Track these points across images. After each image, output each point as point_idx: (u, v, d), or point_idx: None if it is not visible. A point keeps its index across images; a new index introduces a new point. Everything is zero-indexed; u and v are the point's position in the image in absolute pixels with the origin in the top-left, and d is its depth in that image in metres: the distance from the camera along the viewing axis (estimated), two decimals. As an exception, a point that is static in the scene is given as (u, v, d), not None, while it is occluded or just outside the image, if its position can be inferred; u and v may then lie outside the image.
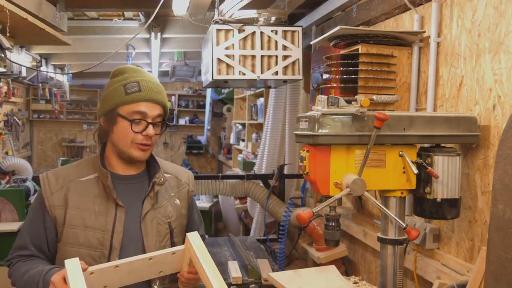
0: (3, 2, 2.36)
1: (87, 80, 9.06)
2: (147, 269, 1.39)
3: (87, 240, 1.45)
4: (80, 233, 1.45)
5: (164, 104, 1.53)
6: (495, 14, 1.63)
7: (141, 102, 1.47)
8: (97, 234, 1.46)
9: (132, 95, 1.47)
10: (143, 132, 1.47)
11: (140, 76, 1.52)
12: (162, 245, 1.53)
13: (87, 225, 1.46)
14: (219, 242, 3.32)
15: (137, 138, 1.47)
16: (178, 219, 1.61)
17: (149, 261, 1.37)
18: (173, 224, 1.57)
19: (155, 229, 1.52)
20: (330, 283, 1.86)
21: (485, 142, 1.67)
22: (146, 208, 1.52)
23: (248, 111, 5.92)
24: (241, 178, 3.57)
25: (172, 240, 1.56)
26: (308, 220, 1.46)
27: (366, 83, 1.94)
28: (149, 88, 1.49)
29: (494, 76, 1.63)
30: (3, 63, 3.42)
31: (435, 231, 1.91)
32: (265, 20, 2.68)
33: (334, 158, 1.53)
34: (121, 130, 1.48)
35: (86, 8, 3.79)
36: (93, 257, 1.44)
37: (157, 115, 1.50)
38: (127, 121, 1.46)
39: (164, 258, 1.40)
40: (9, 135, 6.58)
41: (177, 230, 1.59)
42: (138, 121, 1.47)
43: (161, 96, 1.52)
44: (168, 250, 1.42)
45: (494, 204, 1.30)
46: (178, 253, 1.43)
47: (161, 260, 1.40)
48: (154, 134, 1.49)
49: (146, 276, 1.41)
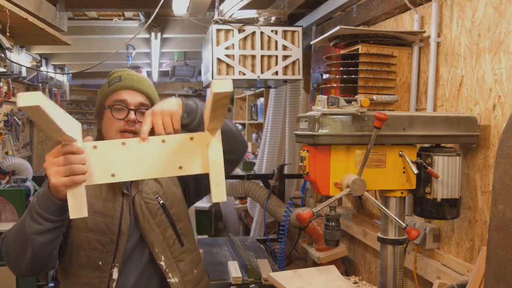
0: (3, 2, 2.36)
1: (87, 80, 9.05)
2: (161, 158, 1.19)
3: (96, 225, 1.47)
4: (89, 218, 1.45)
5: (147, 93, 1.56)
6: (495, 14, 1.63)
7: (121, 90, 1.53)
8: (106, 219, 1.48)
9: (113, 85, 1.54)
10: (125, 118, 1.49)
11: (125, 72, 1.58)
12: (156, 222, 1.54)
13: (96, 211, 1.48)
14: (219, 242, 3.32)
15: (120, 125, 1.49)
16: (168, 190, 1.61)
17: (162, 144, 1.18)
18: (163, 197, 1.58)
19: (145, 209, 1.54)
20: (330, 283, 1.86)
21: (485, 142, 1.67)
22: (133, 193, 1.54)
23: (248, 111, 5.92)
24: (241, 178, 3.57)
25: (166, 213, 1.56)
26: (308, 220, 1.46)
27: (366, 83, 1.94)
28: (129, 78, 1.55)
29: (494, 76, 1.63)
30: (3, 63, 3.43)
31: (435, 231, 1.91)
32: (265, 20, 2.68)
33: (334, 158, 1.53)
34: (106, 121, 1.52)
35: (86, 8, 3.79)
36: (101, 242, 1.46)
37: (140, 103, 1.53)
38: (109, 109, 1.51)
39: (181, 146, 1.19)
40: (9, 135, 6.57)
41: (169, 202, 1.59)
42: (119, 107, 1.50)
43: (143, 85, 1.56)
44: (185, 134, 1.20)
45: (494, 204, 1.30)
46: (197, 139, 1.19)
47: (178, 149, 1.19)
48: (137, 121, 1.50)
49: (161, 171, 1.20)
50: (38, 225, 1.23)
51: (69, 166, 1.11)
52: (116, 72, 1.60)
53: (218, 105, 1.05)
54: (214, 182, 1.17)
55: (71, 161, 1.12)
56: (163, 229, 1.55)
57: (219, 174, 1.18)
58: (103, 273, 1.46)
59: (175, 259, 1.55)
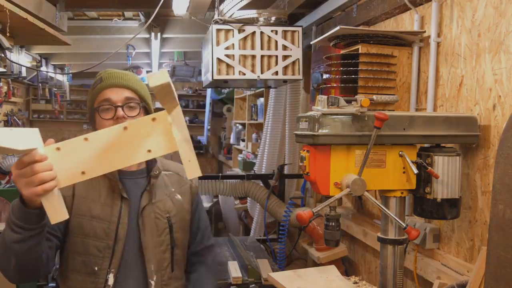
0: (3, 2, 2.36)
1: (87, 80, 9.05)
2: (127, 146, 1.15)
3: (93, 230, 1.46)
4: (86, 223, 1.45)
5: (131, 87, 1.54)
6: (495, 14, 1.63)
7: (104, 90, 1.52)
8: (103, 224, 1.47)
9: (96, 88, 1.53)
10: (114, 117, 1.48)
11: (106, 72, 1.57)
12: (160, 240, 1.53)
13: (93, 215, 1.47)
14: (219, 242, 3.31)
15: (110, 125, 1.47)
16: (179, 214, 1.60)
17: (125, 132, 1.16)
18: (173, 219, 1.57)
19: (153, 223, 1.53)
20: (330, 283, 1.86)
21: (485, 142, 1.67)
22: (144, 203, 1.53)
23: (248, 111, 5.92)
24: (241, 178, 3.57)
25: (171, 235, 1.56)
26: (308, 220, 1.46)
27: (366, 83, 1.94)
28: (110, 77, 1.54)
29: (494, 76, 1.63)
30: (3, 63, 3.43)
31: (435, 231, 1.91)
32: (265, 20, 2.68)
33: (334, 158, 1.53)
34: (98, 124, 1.52)
35: (86, 8, 3.79)
36: (98, 247, 1.45)
37: (125, 98, 1.51)
38: (97, 111, 1.50)
39: (145, 129, 1.16)
40: (9, 135, 6.57)
41: (177, 225, 1.58)
42: (106, 107, 1.50)
43: (124, 80, 1.54)
44: (146, 117, 1.17)
45: (494, 204, 1.30)
46: (159, 118, 1.16)
47: (142, 133, 1.16)
48: (126, 116, 1.48)
49: (131, 158, 1.16)
50: (16, 234, 1.20)
51: (36, 176, 1.08)
52: (99, 74, 1.59)
53: (162, 93, 1.08)
54: (185, 159, 1.17)
55: (37, 170, 1.08)
56: (163, 250, 1.54)
57: (188, 150, 1.17)
58: (99, 279, 1.45)
59: (163, 283, 1.53)
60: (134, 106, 1.52)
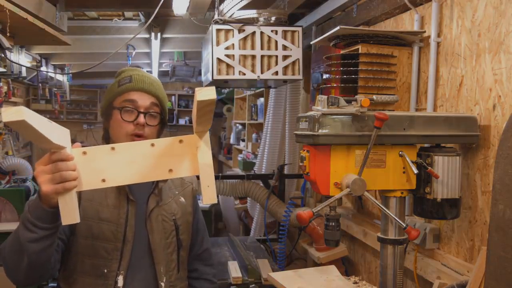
0: (3, 2, 2.36)
1: (87, 80, 9.06)
2: (151, 162, 1.19)
3: (101, 233, 1.45)
4: (94, 225, 1.45)
5: (157, 96, 1.53)
6: (495, 14, 1.63)
7: (131, 91, 1.50)
8: (111, 226, 1.46)
9: (123, 86, 1.51)
10: (135, 121, 1.47)
11: (135, 72, 1.55)
12: (168, 242, 1.55)
13: (101, 218, 1.46)
14: (219, 242, 3.31)
15: (130, 129, 1.47)
16: (184, 216, 1.62)
17: (151, 148, 1.19)
18: (179, 221, 1.59)
19: (160, 226, 1.54)
20: (330, 283, 1.86)
21: (485, 142, 1.67)
22: (151, 205, 1.53)
23: (248, 111, 5.92)
24: (241, 178, 3.57)
25: (178, 237, 1.57)
26: (308, 220, 1.46)
27: (366, 83, 1.94)
28: (140, 80, 1.52)
29: (494, 76, 1.63)
30: (3, 63, 3.43)
31: (435, 231, 1.91)
32: (265, 20, 2.68)
33: (334, 158, 1.53)
34: (115, 122, 1.50)
35: (86, 8, 3.80)
36: (106, 250, 1.45)
37: (150, 106, 1.50)
38: (119, 110, 1.48)
39: (170, 149, 1.19)
40: (9, 135, 6.57)
41: (182, 227, 1.60)
42: (129, 109, 1.48)
43: (153, 87, 1.53)
44: (174, 138, 1.20)
45: (494, 204, 1.30)
46: (187, 141, 1.20)
47: (167, 152, 1.19)
48: (146, 124, 1.48)
49: (152, 174, 1.20)
50: (31, 233, 1.21)
51: (59, 173, 1.10)
52: (126, 71, 1.56)
53: (203, 111, 1.08)
54: (204, 184, 1.18)
55: (61, 168, 1.10)
56: (170, 251, 1.55)
57: (209, 176, 1.18)
58: (108, 281, 1.45)
59: (170, 284, 1.54)
60: (155, 115, 1.52)
